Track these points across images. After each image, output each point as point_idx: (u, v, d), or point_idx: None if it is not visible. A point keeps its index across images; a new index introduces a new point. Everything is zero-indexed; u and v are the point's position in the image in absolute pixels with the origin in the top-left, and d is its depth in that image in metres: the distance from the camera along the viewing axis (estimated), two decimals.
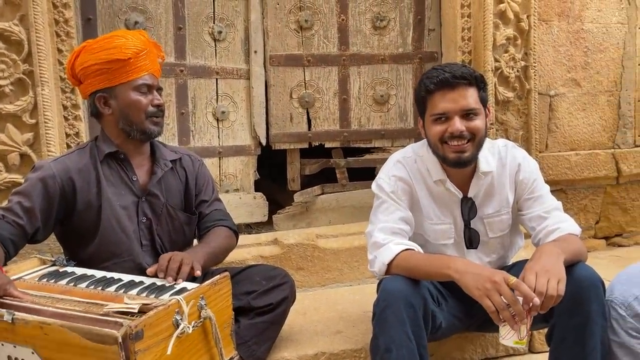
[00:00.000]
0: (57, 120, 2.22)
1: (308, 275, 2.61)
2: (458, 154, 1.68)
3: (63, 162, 1.72)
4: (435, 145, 1.72)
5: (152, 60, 1.77)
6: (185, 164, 1.91)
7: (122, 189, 1.76)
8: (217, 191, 2.02)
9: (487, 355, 2.11)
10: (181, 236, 1.87)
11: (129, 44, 1.71)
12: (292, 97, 2.88)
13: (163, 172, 1.82)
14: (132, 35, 1.76)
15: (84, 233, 1.73)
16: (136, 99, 1.73)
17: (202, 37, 2.71)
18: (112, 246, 1.73)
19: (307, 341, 2.02)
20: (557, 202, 1.80)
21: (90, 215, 1.72)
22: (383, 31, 2.93)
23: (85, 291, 1.46)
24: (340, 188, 2.98)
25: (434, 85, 1.67)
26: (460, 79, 1.65)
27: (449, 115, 1.66)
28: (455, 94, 1.65)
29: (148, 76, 1.75)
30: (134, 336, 1.18)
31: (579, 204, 3.08)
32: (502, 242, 1.86)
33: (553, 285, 1.43)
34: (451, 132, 1.66)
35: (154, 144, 1.87)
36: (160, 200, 1.81)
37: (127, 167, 1.78)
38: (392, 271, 1.64)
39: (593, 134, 3.07)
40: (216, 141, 2.78)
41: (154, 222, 1.80)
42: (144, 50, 1.73)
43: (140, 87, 1.74)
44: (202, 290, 1.42)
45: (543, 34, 2.90)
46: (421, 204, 1.80)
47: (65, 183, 1.69)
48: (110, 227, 1.72)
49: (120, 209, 1.74)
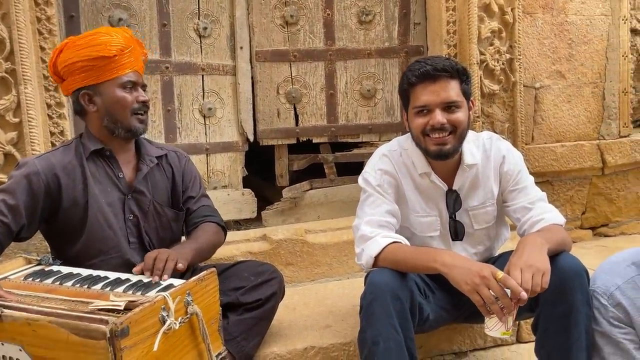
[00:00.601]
0: (41, 119, 2.20)
1: (297, 270, 2.62)
2: (439, 147, 1.69)
3: (47, 159, 1.71)
4: (418, 137, 1.73)
5: (136, 58, 1.77)
6: (171, 161, 1.91)
7: (108, 186, 1.75)
8: (204, 187, 2.02)
9: (475, 346, 2.13)
10: (169, 233, 1.86)
11: (114, 41, 1.71)
12: (279, 93, 2.87)
13: (149, 168, 1.82)
14: (117, 33, 1.75)
15: (71, 230, 1.72)
16: (122, 95, 1.73)
17: (187, 33, 2.69)
18: (99, 243, 1.72)
19: (297, 336, 2.02)
20: (542, 192, 1.81)
21: (76, 212, 1.71)
22: (369, 25, 2.93)
23: (71, 290, 1.45)
24: (329, 183, 2.99)
25: (416, 78, 1.68)
26: (441, 72, 1.66)
27: (431, 107, 1.68)
28: (437, 86, 1.66)
29: (133, 73, 1.75)
30: (119, 333, 1.18)
31: (565, 195, 3.11)
32: (487, 233, 1.87)
33: (537, 281, 1.45)
34: (432, 124, 1.67)
35: (139, 140, 1.86)
36: (146, 197, 1.80)
37: (113, 164, 1.77)
38: (380, 264, 1.64)
39: (578, 125, 3.09)
40: (203, 138, 2.77)
41: (141, 219, 1.79)
42: (129, 47, 1.73)
43: (126, 84, 1.74)
44: (189, 286, 1.42)
45: (527, 27, 2.92)
46: (407, 196, 1.81)
47: (50, 180, 1.68)
48: (97, 224, 1.72)
49: (107, 206, 1.74)
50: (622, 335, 1.53)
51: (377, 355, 1.51)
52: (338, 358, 1.97)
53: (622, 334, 1.53)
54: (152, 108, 2.65)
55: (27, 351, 1.27)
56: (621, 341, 1.53)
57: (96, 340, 1.18)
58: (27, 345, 1.26)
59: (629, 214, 3.24)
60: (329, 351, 1.97)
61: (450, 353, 2.11)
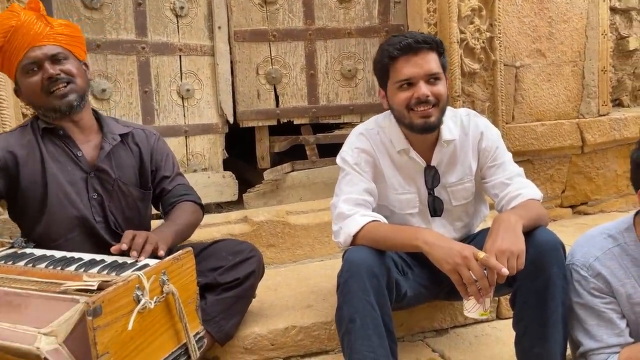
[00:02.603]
0: (13, 100, 2.15)
1: (279, 252, 2.61)
2: (424, 119, 1.68)
3: (5, 139, 1.69)
4: (401, 113, 1.71)
5: (27, 32, 1.61)
6: (138, 140, 1.85)
7: (68, 165, 1.71)
8: (178, 165, 1.97)
9: (456, 323, 2.14)
10: (135, 213, 1.82)
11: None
12: (259, 74, 2.84)
13: (111, 146, 1.76)
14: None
15: (33, 210, 1.69)
16: (26, 82, 1.64)
17: (163, 12, 2.64)
18: (63, 222, 1.69)
19: (278, 316, 2.02)
20: (519, 168, 1.82)
21: (36, 191, 1.67)
22: (349, 4, 2.90)
23: (44, 271, 1.43)
24: (311, 165, 2.97)
25: (398, 51, 1.66)
26: (422, 44, 1.65)
27: (414, 80, 1.66)
28: (419, 58, 1.65)
29: (30, 51, 1.62)
30: (91, 312, 1.16)
31: (546, 174, 3.14)
32: (465, 210, 1.88)
33: (513, 265, 1.46)
34: (417, 97, 1.66)
35: (101, 118, 1.80)
36: (110, 176, 1.76)
37: (68, 142, 1.72)
38: (358, 242, 1.64)
39: (558, 104, 3.11)
40: (182, 120, 2.73)
41: (106, 198, 1.75)
42: (10, 30, 1.61)
43: (26, 67, 1.63)
44: (164, 266, 1.40)
45: (507, 5, 2.91)
46: (385, 174, 1.80)
47: (6, 158, 1.64)
48: (58, 203, 1.68)
49: (68, 185, 1.69)
50: (604, 305, 1.55)
51: (354, 332, 1.51)
52: (319, 337, 1.97)
53: (604, 303, 1.55)
54: (128, 89, 2.61)
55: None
56: (604, 311, 1.55)
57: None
58: None
59: (608, 192, 3.28)
60: (310, 330, 1.97)
61: (431, 330, 2.13)
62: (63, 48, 1.67)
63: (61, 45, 1.67)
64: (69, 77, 1.66)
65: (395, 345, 1.60)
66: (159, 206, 1.92)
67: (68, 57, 1.68)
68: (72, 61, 1.68)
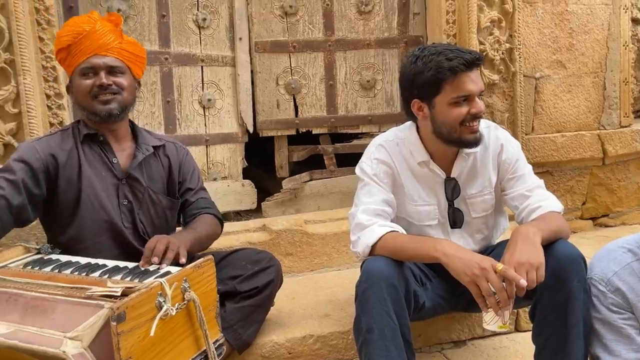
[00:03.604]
0: (41, 110, 2.21)
1: (297, 260, 2.62)
2: (474, 134, 1.69)
3: (46, 141, 1.75)
4: (452, 127, 1.68)
5: (96, 39, 1.71)
6: (169, 152, 1.92)
7: (102, 171, 1.77)
8: (203, 181, 2.02)
9: (474, 335, 2.14)
10: (163, 221, 1.87)
11: (65, 31, 1.73)
12: (279, 84, 2.87)
13: (144, 156, 1.83)
14: (73, 21, 1.77)
15: (65, 212, 1.74)
16: (79, 83, 1.74)
17: (186, 24, 2.69)
18: (92, 225, 1.74)
19: (296, 324, 2.03)
20: (540, 180, 1.81)
21: (70, 193, 1.73)
22: (368, 16, 2.92)
23: (69, 277, 1.46)
24: (329, 174, 2.99)
25: (464, 66, 1.62)
26: (478, 60, 1.66)
27: (471, 96, 1.66)
28: (473, 74, 1.66)
29: (93, 57, 1.72)
30: (116, 318, 1.18)
31: (566, 186, 3.11)
32: (485, 222, 1.87)
33: (532, 277, 1.45)
34: (474, 112, 1.66)
35: (136, 129, 1.87)
36: (141, 184, 1.82)
37: (106, 149, 1.79)
38: (377, 253, 1.64)
39: (579, 115, 3.08)
40: (203, 129, 2.78)
41: (135, 205, 1.81)
42: (82, 33, 1.71)
43: (84, 70, 1.73)
44: (186, 273, 1.43)
45: (527, 16, 2.90)
46: (404, 186, 1.81)
47: (48, 160, 1.71)
48: (90, 206, 1.73)
49: (101, 190, 1.75)
50: (622, 321, 1.53)
51: (372, 342, 1.51)
52: (337, 346, 1.98)
53: (623, 319, 1.53)
54: (151, 99, 2.66)
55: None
56: (622, 327, 1.53)
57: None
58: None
59: (629, 204, 3.24)
60: (328, 339, 1.98)
61: (449, 342, 2.12)
62: (123, 63, 1.76)
63: (122, 60, 1.76)
64: (118, 89, 1.75)
65: (414, 356, 1.61)
66: (180, 217, 1.96)
67: (124, 73, 1.77)
68: (126, 77, 1.77)
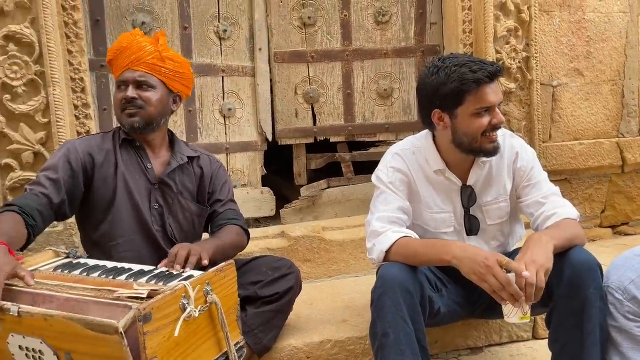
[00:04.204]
0: (69, 120, 2.29)
1: (315, 267, 2.66)
2: (494, 144, 1.72)
3: (87, 141, 1.87)
4: (474, 138, 1.70)
5: (130, 55, 1.81)
6: (203, 164, 2.00)
7: (137, 174, 1.87)
8: (233, 194, 2.07)
9: (491, 342, 2.14)
10: (191, 227, 1.94)
11: (111, 47, 1.88)
12: (297, 93, 2.93)
13: (178, 164, 1.91)
14: (120, 37, 1.88)
15: (100, 209, 1.83)
16: (115, 95, 1.89)
17: (207, 36, 2.77)
18: (125, 224, 1.83)
19: (314, 329, 2.07)
20: (555, 187, 1.82)
21: (106, 192, 1.83)
22: (385, 26, 2.97)
23: (97, 280, 1.52)
24: (346, 182, 3.03)
25: (487, 78, 1.65)
26: (498, 73, 1.68)
27: (492, 107, 1.69)
28: (495, 86, 1.69)
29: (126, 72, 1.82)
30: (142, 318, 1.23)
31: (584, 194, 3.10)
32: (501, 229, 1.89)
33: (542, 277, 1.47)
34: (496, 123, 1.69)
35: (174, 140, 1.97)
36: (172, 190, 1.90)
37: (142, 154, 1.89)
38: (391, 258, 1.68)
39: (597, 123, 3.08)
40: (223, 138, 2.84)
41: (165, 210, 1.89)
42: (121, 49, 1.82)
43: (118, 84, 1.85)
44: (208, 277, 1.48)
45: (545, 25, 2.92)
46: (420, 194, 1.84)
47: (86, 159, 1.81)
48: (123, 206, 1.83)
49: (135, 191, 1.85)
50: (639, 329, 1.54)
51: (388, 347, 1.55)
52: (354, 351, 2.01)
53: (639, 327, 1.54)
54: None
55: (48, 343, 1.32)
56: (639, 335, 1.53)
57: (109, 334, 1.21)
58: (47, 338, 1.31)
59: None
60: (346, 344, 2.00)
61: (466, 348, 2.13)
62: (156, 77, 1.83)
63: (155, 75, 1.83)
64: (143, 104, 1.82)
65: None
66: (208, 227, 2.02)
67: (155, 87, 1.84)
68: (157, 91, 1.84)
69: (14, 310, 1.31)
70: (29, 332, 1.33)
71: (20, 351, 1.36)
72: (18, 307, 1.32)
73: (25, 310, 1.31)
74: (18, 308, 1.32)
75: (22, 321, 1.31)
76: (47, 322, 1.28)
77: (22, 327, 1.33)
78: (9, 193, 2.21)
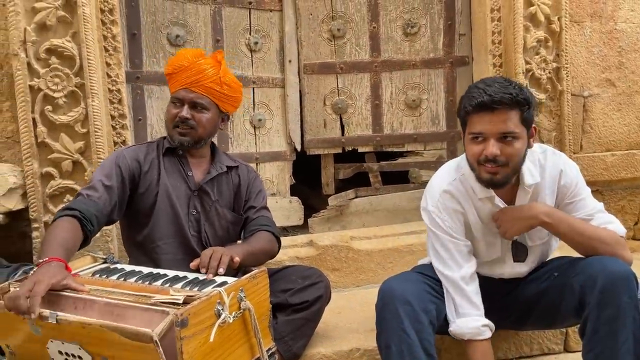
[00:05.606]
0: (106, 130, 2.36)
1: (343, 276, 2.68)
2: (491, 175, 1.66)
3: (134, 150, 1.97)
4: (472, 164, 1.70)
5: (190, 75, 1.89)
6: (240, 172, 2.08)
7: (178, 181, 1.95)
8: (267, 202, 2.13)
9: (521, 354, 2.12)
10: (225, 234, 2.00)
11: (172, 60, 1.94)
12: (326, 104, 2.96)
13: (217, 173, 1.99)
14: (180, 53, 1.96)
15: (142, 214, 1.92)
16: (168, 109, 1.96)
17: (239, 48, 2.83)
18: (164, 228, 1.91)
19: (342, 338, 2.08)
20: (600, 203, 1.79)
21: (149, 198, 1.92)
22: (414, 37, 2.99)
23: (134, 285, 1.57)
24: (374, 192, 3.05)
25: (472, 108, 1.62)
26: (498, 104, 1.58)
27: (486, 136, 1.63)
28: (494, 116, 1.60)
29: (183, 90, 1.90)
30: (179, 323, 1.27)
31: (617, 205, 3.05)
32: (542, 249, 1.87)
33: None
34: (485, 154, 1.63)
35: (215, 151, 2.06)
36: (210, 198, 1.98)
37: (184, 162, 1.97)
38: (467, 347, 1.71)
39: (629, 134, 3.03)
40: (253, 147, 2.89)
41: (202, 216, 1.96)
42: (181, 67, 1.90)
43: (173, 99, 1.93)
44: (242, 283, 1.51)
45: (575, 35, 2.90)
46: (471, 224, 1.81)
47: (133, 167, 1.91)
48: (163, 211, 1.91)
49: (175, 197, 1.92)
50: None
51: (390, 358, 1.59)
52: None
53: None
54: None
55: (86, 349, 1.36)
56: None
57: (144, 343, 1.24)
58: (84, 344, 1.36)
59: None
60: (374, 353, 2.01)
61: None
62: (210, 100, 1.92)
63: (210, 97, 1.91)
64: (194, 124, 1.90)
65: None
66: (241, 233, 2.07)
67: (209, 109, 1.92)
68: (210, 113, 1.93)
69: (52, 318, 1.35)
70: (67, 338, 1.38)
71: (59, 355, 1.41)
72: (56, 315, 1.36)
73: (63, 318, 1.35)
74: (56, 316, 1.35)
75: (61, 327, 1.36)
76: (84, 329, 1.33)
77: (61, 333, 1.38)
78: (49, 200, 2.29)
